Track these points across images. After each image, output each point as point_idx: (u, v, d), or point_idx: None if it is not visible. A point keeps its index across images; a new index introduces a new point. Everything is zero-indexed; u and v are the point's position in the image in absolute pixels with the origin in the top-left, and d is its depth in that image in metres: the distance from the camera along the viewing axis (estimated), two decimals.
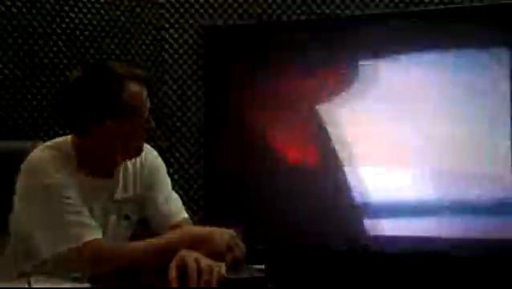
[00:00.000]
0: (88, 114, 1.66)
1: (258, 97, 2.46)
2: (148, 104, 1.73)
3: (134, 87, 1.67)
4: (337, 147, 2.34)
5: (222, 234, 1.62)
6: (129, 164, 1.82)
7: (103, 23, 2.65)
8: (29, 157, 1.69)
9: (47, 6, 2.48)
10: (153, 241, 1.65)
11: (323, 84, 2.35)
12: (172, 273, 1.50)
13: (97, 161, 1.72)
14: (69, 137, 1.76)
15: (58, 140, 1.77)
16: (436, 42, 2.25)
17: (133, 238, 1.84)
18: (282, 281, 1.63)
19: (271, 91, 2.43)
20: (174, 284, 1.50)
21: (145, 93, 1.70)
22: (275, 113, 2.43)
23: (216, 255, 1.55)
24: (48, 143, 1.75)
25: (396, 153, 2.28)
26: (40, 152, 1.70)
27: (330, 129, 2.35)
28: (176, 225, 1.78)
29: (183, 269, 1.51)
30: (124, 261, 1.60)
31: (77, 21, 2.56)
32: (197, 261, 1.51)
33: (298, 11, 2.75)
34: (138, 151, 1.76)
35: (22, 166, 1.68)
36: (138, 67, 2.68)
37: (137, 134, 1.71)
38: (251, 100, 2.47)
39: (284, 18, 2.75)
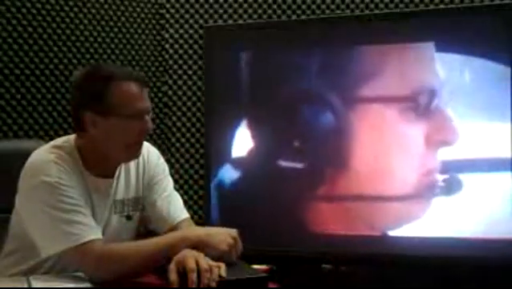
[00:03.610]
0: (81, 113, 1.67)
1: (259, 97, 2.45)
2: (147, 105, 1.72)
3: (123, 87, 1.67)
4: (340, 149, 2.33)
5: (220, 236, 1.63)
6: (132, 164, 1.82)
7: (104, 23, 2.65)
8: (32, 156, 1.70)
9: (47, 5, 2.48)
10: (151, 242, 1.65)
11: (325, 85, 2.35)
12: (173, 275, 1.51)
13: (96, 161, 1.72)
14: (72, 136, 1.76)
15: (62, 139, 1.78)
16: (435, 41, 2.25)
17: (135, 238, 1.84)
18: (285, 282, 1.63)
19: (272, 91, 2.43)
20: (175, 285, 1.50)
21: (138, 93, 1.69)
22: (276, 114, 2.43)
23: (213, 258, 1.56)
24: (52, 142, 1.76)
25: (400, 160, 2.27)
26: (43, 151, 1.70)
27: (333, 131, 2.34)
28: (177, 227, 1.79)
29: (183, 269, 1.51)
30: (120, 262, 1.60)
31: (77, 21, 2.56)
32: (196, 261, 1.51)
33: (299, 11, 2.75)
34: (134, 152, 1.75)
35: (25, 165, 1.68)
36: (135, 68, 2.70)
37: (129, 134, 1.69)
38: (252, 100, 2.46)
39: (284, 18, 2.76)
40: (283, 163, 2.39)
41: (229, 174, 2.46)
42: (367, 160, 2.28)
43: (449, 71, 2.22)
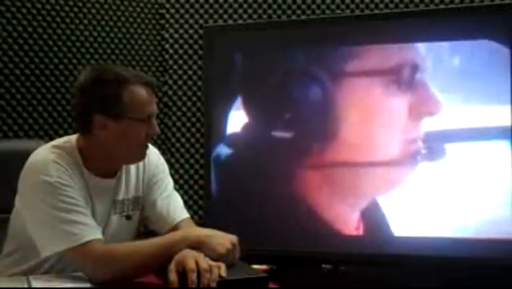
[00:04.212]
0: (91, 115, 1.67)
1: (259, 97, 2.45)
2: (155, 109, 1.74)
3: (136, 90, 1.68)
4: (341, 148, 2.33)
5: (220, 239, 1.63)
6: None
7: (104, 23, 2.65)
8: (32, 156, 1.70)
9: (47, 6, 2.48)
10: (151, 242, 1.65)
11: (326, 84, 2.35)
12: (172, 275, 1.51)
13: (99, 162, 1.72)
14: (73, 137, 1.76)
15: (62, 139, 1.78)
16: (435, 41, 2.25)
17: (135, 238, 1.85)
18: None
19: (272, 91, 2.42)
20: (174, 285, 1.50)
21: (149, 97, 1.71)
22: (276, 114, 2.42)
23: (212, 259, 1.56)
24: (52, 142, 1.76)
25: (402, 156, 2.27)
26: (44, 151, 1.70)
27: (334, 130, 2.34)
28: (177, 227, 1.79)
29: (183, 269, 1.52)
30: (121, 263, 1.60)
31: (77, 21, 2.56)
32: (196, 261, 1.51)
33: (299, 11, 2.75)
34: (139, 155, 1.76)
35: (25, 165, 1.68)
36: (135, 68, 2.70)
37: (138, 138, 1.71)
38: (251, 100, 2.46)
39: (284, 18, 2.76)
40: (286, 163, 2.39)
41: (229, 173, 2.46)
42: (357, 132, 2.31)
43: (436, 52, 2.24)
